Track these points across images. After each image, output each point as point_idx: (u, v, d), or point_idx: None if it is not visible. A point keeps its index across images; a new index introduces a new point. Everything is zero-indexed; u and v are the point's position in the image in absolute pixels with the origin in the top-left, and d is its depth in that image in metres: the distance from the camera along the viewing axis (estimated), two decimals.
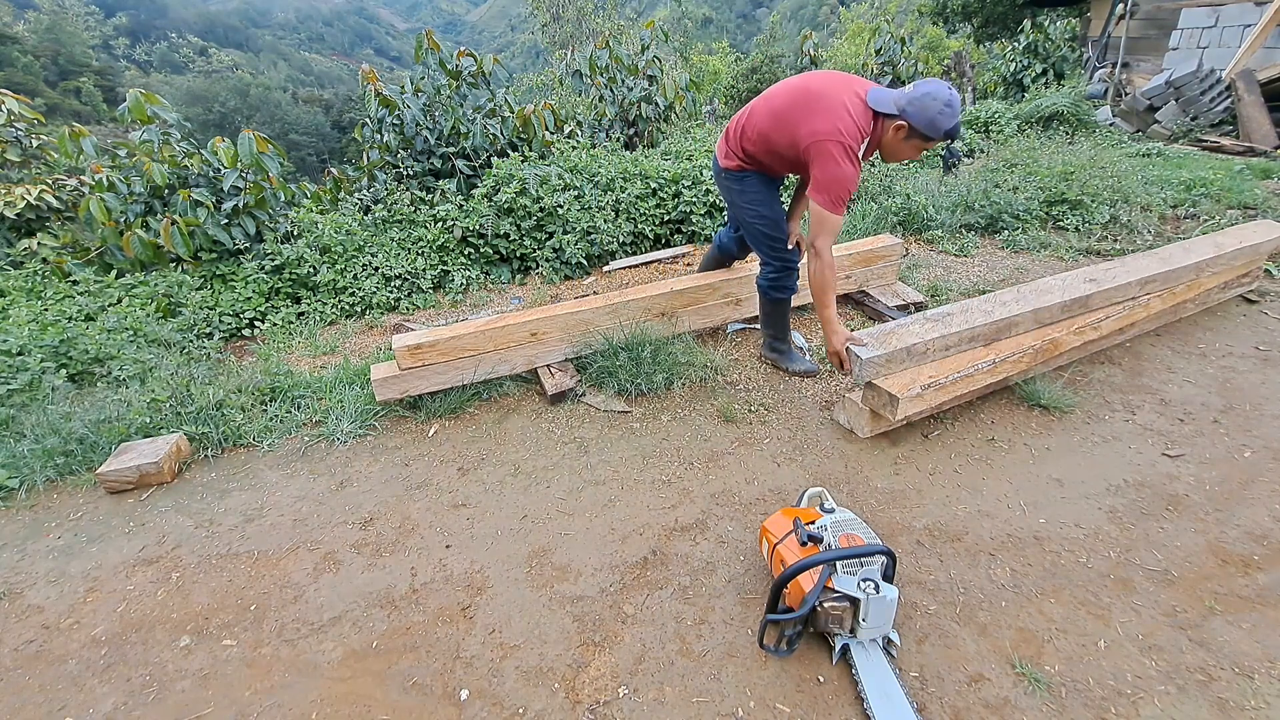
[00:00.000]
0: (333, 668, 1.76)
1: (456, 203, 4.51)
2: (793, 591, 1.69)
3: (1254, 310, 3.47)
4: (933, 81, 2.32)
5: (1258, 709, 1.56)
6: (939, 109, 2.28)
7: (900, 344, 2.49)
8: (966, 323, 2.63)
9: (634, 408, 2.84)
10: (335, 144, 40.80)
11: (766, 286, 2.88)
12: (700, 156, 4.90)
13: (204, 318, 3.72)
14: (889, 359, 2.47)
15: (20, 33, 55.26)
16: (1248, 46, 7.50)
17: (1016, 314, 2.70)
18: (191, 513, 2.36)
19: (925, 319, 2.66)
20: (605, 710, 1.61)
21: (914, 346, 2.51)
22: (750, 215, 2.75)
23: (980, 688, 1.63)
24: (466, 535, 2.19)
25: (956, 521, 2.16)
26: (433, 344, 2.76)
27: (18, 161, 4.72)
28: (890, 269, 3.67)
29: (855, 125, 2.33)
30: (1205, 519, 2.14)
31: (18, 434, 2.68)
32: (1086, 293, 2.84)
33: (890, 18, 9.57)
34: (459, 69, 5.15)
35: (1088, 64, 10.24)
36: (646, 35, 6.35)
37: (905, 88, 2.37)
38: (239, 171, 4.17)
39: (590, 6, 19.04)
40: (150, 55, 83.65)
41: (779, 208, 2.77)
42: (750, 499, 2.29)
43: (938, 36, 22.72)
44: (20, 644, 1.87)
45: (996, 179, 5.24)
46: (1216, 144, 6.80)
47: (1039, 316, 2.77)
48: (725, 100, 17.52)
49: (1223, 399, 2.74)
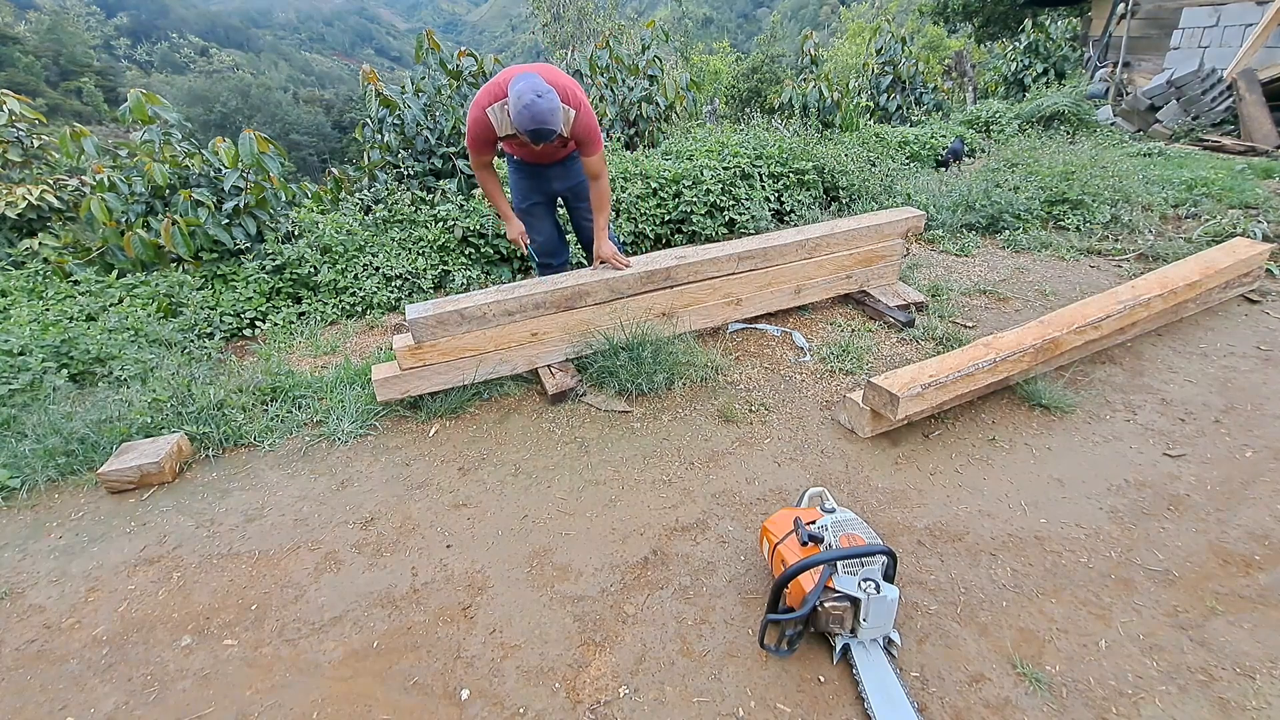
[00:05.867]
0: (334, 667, 1.76)
1: (457, 202, 4.51)
2: (793, 591, 1.69)
3: (1255, 310, 3.47)
4: (521, 78, 2.53)
5: (1259, 709, 1.56)
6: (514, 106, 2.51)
7: (453, 306, 2.72)
8: (529, 290, 2.86)
9: (634, 408, 2.84)
10: (336, 144, 40.81)
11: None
12: (701, 156, 4.90)
13: (205, 318, 3.72)
14: (440, 320, 2.68)
15: (21, 33, 55.33)
16: (1249, 46, 7.49)
17: (587, 282, 2.93)
18: (192, 512, 2.37)
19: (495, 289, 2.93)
20: (606, 710, 1.61)
21: (467, 310, 2.73)
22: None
23: (981, 688, 1.63)
24: (467, 535, 2.19)
25: (957, 521, 2.16)
26: (433, 344, 2.76)
27: (19, 162, 4.72)
28: (891, 269, 3.67)
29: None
30: (1206, 519, 2.13)
31: (19, 434, 2.68)
32: (669, 264, 3.06)
33: (891, 17, 9.56)
34: (460, 69, 5.15)
35: (1089, 63, 10.23)
36: (647, 35, 6.35)
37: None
38: (240, 171, 4.17)
39: (591, 6, 19.06)
40: (151, 55, 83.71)
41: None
42: (751, 499, 2.29)
43: (938, 36, 22.70)
44: (22, 643, 1.87)
45: (997, 179, 5.24)
46: (1218, 143, 6.79)
47: (613, 286, 2.98)
48: (726, 100, 17.53)
49: (1224, 399, 2.74)
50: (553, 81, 2.63)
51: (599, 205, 2.99)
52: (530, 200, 3.17)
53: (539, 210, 3.20)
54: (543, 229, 3.25)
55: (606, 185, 2.96)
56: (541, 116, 2.47)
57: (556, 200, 3.30)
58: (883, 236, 3.50)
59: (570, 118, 2.65)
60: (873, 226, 3.46)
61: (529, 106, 2.46)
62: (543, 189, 3.14)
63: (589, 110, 2.74)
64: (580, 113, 2.69)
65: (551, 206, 3.28)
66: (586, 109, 2.73)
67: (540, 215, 3.22)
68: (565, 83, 2.70)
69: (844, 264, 3.50)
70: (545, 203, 3.21)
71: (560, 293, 2.89)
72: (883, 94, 8.66)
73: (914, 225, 3.55)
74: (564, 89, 2.66)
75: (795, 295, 3.47)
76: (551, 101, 2.48)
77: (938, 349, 3.18)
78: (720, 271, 3.18)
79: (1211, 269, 3.25)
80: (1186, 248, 4.13)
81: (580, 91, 2.76)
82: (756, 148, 5.16)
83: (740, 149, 5.01)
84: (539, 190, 3.15)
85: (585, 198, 3.16)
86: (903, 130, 7.20)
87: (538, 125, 2.48)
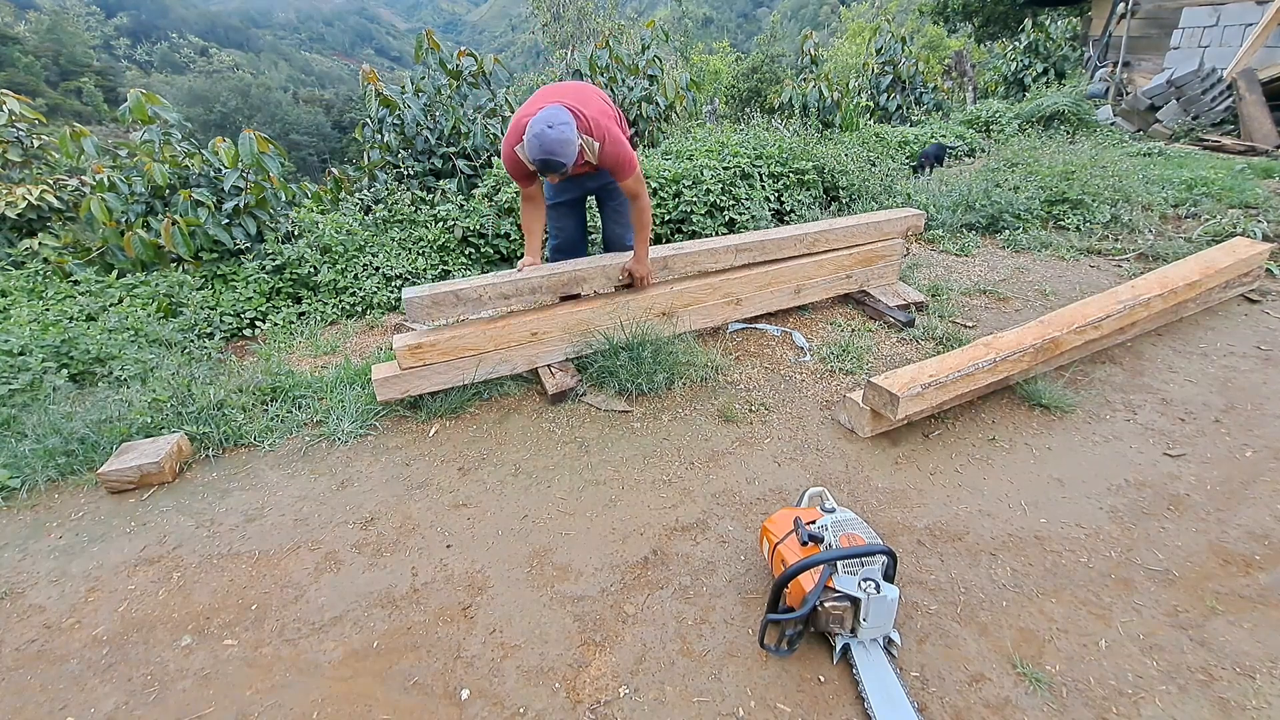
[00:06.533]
0: (334, 667, 1.76)
1: (457, 202, 4.51)
2: (793, 591, 1.69)
3: (1255, 310, 3.47)
4: (544, 111, 2.52)
5: (1259, 709, 1.56)
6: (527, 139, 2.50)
7: (449, 288, 2.71)
8: (525, 275, 2.87)
9: (635, 407, 2.84)
10: (336, 144, 40.82)
11: None
12: (701, 156, 4.90)
13: (205, 318, 3.72)
14: (435, 301, 2.67)
15: (21, 33, 55.33)
16: (1249, 45, 7.50)
17: (584, 269, 2.95)
18: (192, 512, 2.37)
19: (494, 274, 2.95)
20: (606, 710, 1.61)
21: (463, 292, 2.72)
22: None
23: (981, 687, 1.63)
24: (467, 535, 2.19)
25: (957, 521, 2.16)
26: (433, 344, 2.76)
27: (19, 162, 4.72)
28: (891, 268, 3.67)
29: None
30: (1206, 519, 2.13)
31: (19, 434, 2.68)
32: (666, 254, 3.11)
33: (891, 17, 9.56)
34: (459, 69, 5.15)
35: (1089, 63, 10.23)
36: (647, 35, 6.35)
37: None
38: (240, 171, 4.17)
39: (591, 6, 19.07)
40: (151, 55, 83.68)
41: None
42: (751, 499, 2.29)
43: (938, 36, 22.71)
44: (22, 643, 1.87)
45: (997, 178, 5.24)
46: (1218, 143, 6.80)
47: (608, 274, 3.03)
48: (726, 100, 17.53)
49: (1224, 398, 2.74)
50: (580, 109, 2.59)
51: (638, 224, 2.93)
52: (561, 196, 3.15)
53: (566, 208, 3.19)
54: (566, 226, 3.23)
55: (646, 204, 2.88)
56: (549, 147, 2.42)
57: (587, 198, 3.26)
58: (883, 234, 3.50)
59: (595, 149, 2.60)
60: (872, 224, 3.47)
61: (538, 136, 2.43)
62: (573, 188, 3.12)
63: (616, 138, 2.67)
64: (606, 143, 2.63)
65: (580, 205, 3.24)
66: (614, 138, 2.66)
67: (566, 213, 3.21)
68: (594, 111, 2.65)
69: (844, 264, 3.50)
70: (575, 201, 3.18)
71: (557, 278, 2.89)
72: (883, 94, 8.67)
73: (914, 224, 3.55)
74: (591, 119, 2.61)
75: (795, 295, 3.47)
76: (563, 133, 2.44)
77: (938, 349, 3.18)
78: (717, 264, 3.18)
79: (1211, 269, 3.26)
80: (1186, 247, 4.13)
81: (609, 120, 2.70)
82: (756, 148, 5.16)
83: (740, 149, 5.01)
84: (570, 190, 3.13)
85: (616, 196, 3.13)
86: (903, 130, 7.20)
87: (545, 156, 2.44)
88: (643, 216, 2.90)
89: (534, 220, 2.98)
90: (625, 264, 3.01)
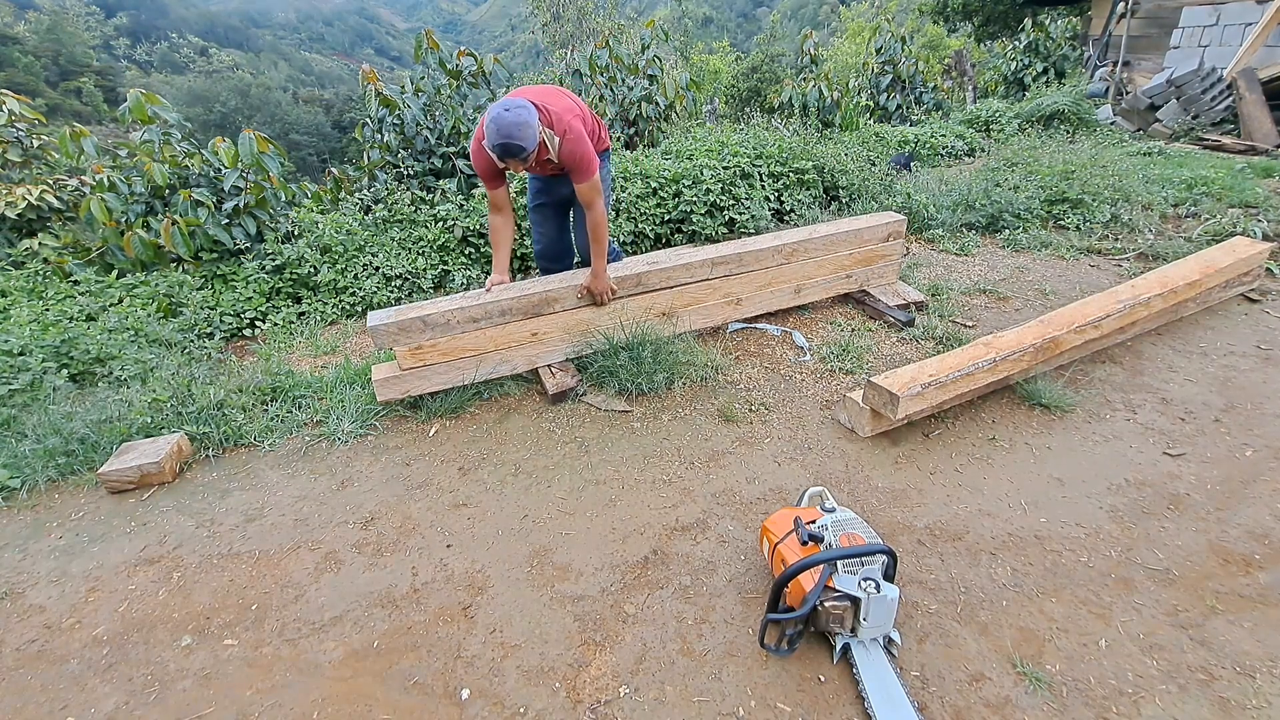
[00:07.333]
0: (334, 667, 1.76)
1: (457, 202, 4.51)
2: (794, 591, 1.69)
3: (1255, 309, 3.47)
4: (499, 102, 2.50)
5: (1259, 708, 1.56)
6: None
7: (416, 313, 2.68)
8: (495, 297, 2.82)
9: (635, 407, 2.84)
10: (336, 144, 40.81)
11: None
12: (701, 156, 4.90)
13: (205, 318, 3.72)
14: (402, 328, 2.65)
15: (21, 33, 55.31)
16: (1249, 45, 7.49)
17: (554, 289, 2.90)
18: (193, 512, 2.37)
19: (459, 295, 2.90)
20: (606, 709, 1.61)
21: (430, 317, 2.69)
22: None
23: (981, 687, 1.63)
24: (467, 535, 2.19)
25: (957, 521, 2.16)
26: (433, 344, 2.76)
27: (19, 162, 4.72)
28: (891, 268, 3.67)
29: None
30: (1206, 518, 2.13)
31: (19, 434, 2.68)
32: (640, 270, 3.05)
33: (890, 17, 9.56)
34: (459, 68, 5.15)
35: (1089, 63, 10.23)
36: (647, 34, 6.35)
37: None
38: (240, 171, 4.17)
39: (591, 6, 19.07)
40: (151, 55, 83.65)
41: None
42: (751, 498, 2.29)
43: (938, 35, 22.70)
44: (22, 643, 1.87)
45: (997, 178, 5.24)
46: (1218, 143, 6.79)
47: (579, 291, 2.94)
48: (726, 100, 17.53)
49: (1224, 398, 2.74)
50: (545, 104, 2.59)
51: (592, 236, 2.79)
52: (538, 201, 3.16)
53: (545, 211, 3.18)
54: (547, 231, 3.23)
55: (601, 215, 2.76)
56: (506, 130, 2.39)
57: (568, 207, 3.23)
58: (862, 241, 3.50)
59: (556, 144, 2.57)
60: (853, 231, 3.45)
61: (495, 120, 2.41)
62: (551, 191, 3.12)
63: (579, 137, 2.63)
64: (566, 139, 2.60)
65: (560, 210, 3.22)
66: (576, 136, 2.62)
67: (546, 217, 3.20)
68: (559, 108, 2.64)
69: (844, 263, 3.50)
70: (552, 204, 3.17)
71: (528, 299, 2.84)
72: (882, 93, 8.67)
73: (895, 230, 3.55)
74: (555, 114, 2.60)
75: (795, 295, 3.47)
76: (520, 115, 2.41)
77: (938, 348, 3.18)
78: (694, 277, 3.16)
79: (1211, 268, 3.25)
80: (1186, 247, 4.13)
81: (573, 117, 2.66)
82: (756, 147, 5.16)
83: (740, 148, 5.01)
84: (548, 192, 3.13)
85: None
86: (903, 130, 7.20)
87: (503, 140, 2.40)
88: (598, 230, 2.78)
89: (502, 233, 2.90)
90: (582, 282, 2.91)
